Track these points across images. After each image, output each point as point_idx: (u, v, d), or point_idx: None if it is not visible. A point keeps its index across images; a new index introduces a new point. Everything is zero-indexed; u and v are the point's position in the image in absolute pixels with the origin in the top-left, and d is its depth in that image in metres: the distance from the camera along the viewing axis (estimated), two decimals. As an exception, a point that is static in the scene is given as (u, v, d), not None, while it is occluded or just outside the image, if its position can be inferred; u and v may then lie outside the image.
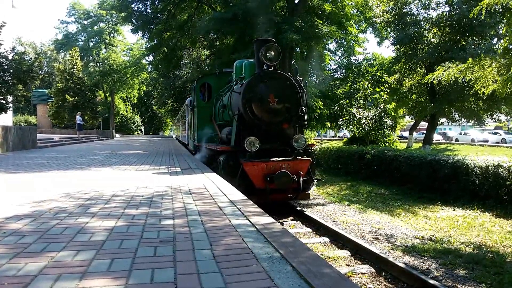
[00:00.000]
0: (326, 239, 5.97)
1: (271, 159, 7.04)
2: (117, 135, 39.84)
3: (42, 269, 2.04)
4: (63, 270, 2.03)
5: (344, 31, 18.75)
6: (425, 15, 21.44)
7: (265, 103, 7.06)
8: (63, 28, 45.99)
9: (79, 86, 36.25)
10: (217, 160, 8.07)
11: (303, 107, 7.56)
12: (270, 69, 7.30)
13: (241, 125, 7.36)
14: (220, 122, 9.47)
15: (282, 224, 6.38)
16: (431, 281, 4.08)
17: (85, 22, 45.19)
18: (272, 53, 7.11)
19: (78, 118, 24.95)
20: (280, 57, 7.29)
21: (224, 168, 7.26)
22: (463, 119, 24.12)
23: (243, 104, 7.08)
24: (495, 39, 19.37)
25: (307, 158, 7.40)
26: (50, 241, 2.56)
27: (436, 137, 39.28)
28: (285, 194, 7.27)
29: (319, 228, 6.64)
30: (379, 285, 4.31)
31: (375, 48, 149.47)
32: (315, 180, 8.01)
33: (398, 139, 27.16)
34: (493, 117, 24.77)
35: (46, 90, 42.58)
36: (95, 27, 45.14)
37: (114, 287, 1.83)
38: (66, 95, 34.61)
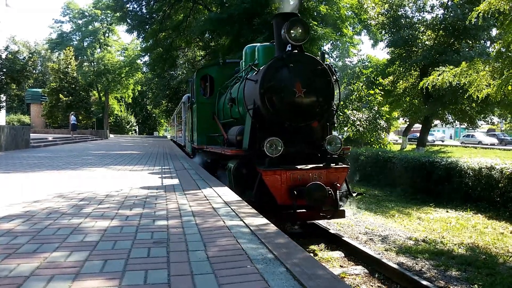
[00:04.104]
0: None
1: (298, 167, 5.35)
2: (111, 135, 39.69)
3: (34, 270, 2.03)
4: (56, 271, 2.02)
5: (339, 33, 18.80)
6: (420, 17, 21.65)
7: (289, 94, 5.41)
8: (58, 27, 45.82)
9: (73, 86, 36.05)
10: (221, 167, 6.80)
11: (336, 101, 6.03)
12: (295, 51, 5.56)
13: (257, 123, 5.66)
14: (225, 120, 7.98)
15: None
16: (424, 282, 4.10)
17: (80, 22, 44.96)
18: (299, 29, 5.39)
19: (72, 117, 24.80)
20: (308, 36, 5.68)
21: (235, 177, 5.63)
22: (456, 121, 24.33)
23: (261, 95, 5.46)
24: (488, 42, 19.58)
25: (344, 166, 5.58)
26: (42, 242, 2.54)
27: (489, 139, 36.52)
28: (316, 213, 5.57)
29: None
30: (372, 286, 4.33)
31: (370, 50, 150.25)
32: (354, 194, 6.00)
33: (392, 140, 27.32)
34: (486, 119, 25.02)
35: (40, 90, 42.21)
36: (90, 26, 44.90)
37: (107, 288, 1.82)
38: (60, 94, 34.38)
